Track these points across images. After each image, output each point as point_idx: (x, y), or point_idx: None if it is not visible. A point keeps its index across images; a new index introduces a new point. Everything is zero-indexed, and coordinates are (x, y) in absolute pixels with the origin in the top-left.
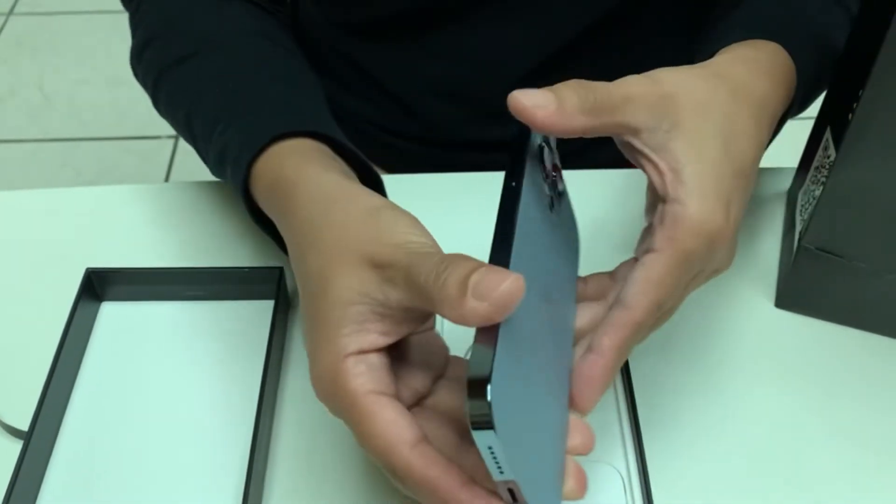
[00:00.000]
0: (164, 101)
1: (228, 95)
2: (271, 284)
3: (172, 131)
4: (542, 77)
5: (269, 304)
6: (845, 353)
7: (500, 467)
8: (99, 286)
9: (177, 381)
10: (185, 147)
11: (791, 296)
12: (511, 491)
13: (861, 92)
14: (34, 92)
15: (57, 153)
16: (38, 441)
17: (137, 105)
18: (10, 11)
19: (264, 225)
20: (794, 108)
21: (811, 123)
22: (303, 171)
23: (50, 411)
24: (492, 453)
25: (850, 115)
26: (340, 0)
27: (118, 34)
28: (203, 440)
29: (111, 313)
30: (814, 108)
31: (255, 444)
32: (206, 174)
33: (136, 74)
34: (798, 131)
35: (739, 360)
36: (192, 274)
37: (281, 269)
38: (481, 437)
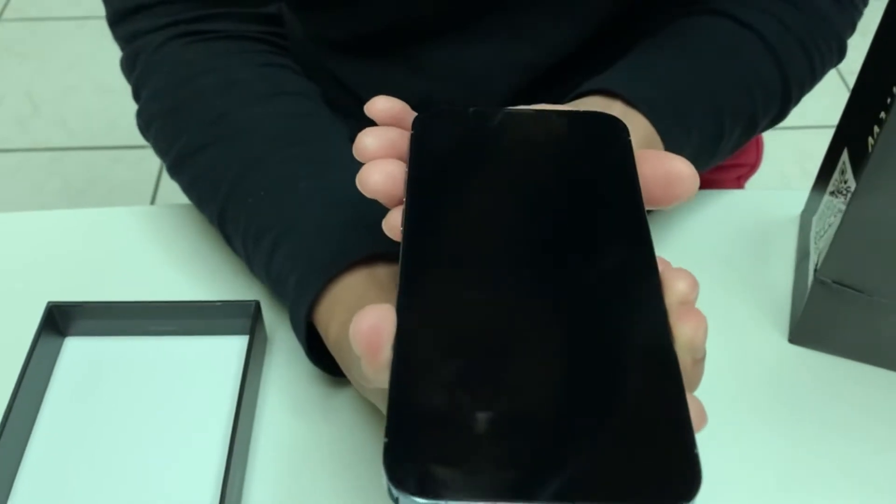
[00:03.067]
0: (187, 189)
1: (265, 205)
2: (246, 319)
3: None
4: (530, 95)
5: (243, 340)
6: (863, 392)
7: None
8: (61, 321)
9: (143, 423)
10: None
11: (806, 331)
12: None
13: (884, 115)
14: (22, 99)
15: (44, 162)
16: None
17: (127, 114)
18: None
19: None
20: None
21: (825, 135)
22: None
23: (6, 454)
24: None
25: (869, 140)
26: (324, 16)
27: (108, 41)
28: (170, 487)
29: (75, 349)
30: (831, 121)
31: (225, 489)
32: None
33: (147, 140)
34: (797, 147)
35: (751, 398)
36: (161, 308)
37: (257, 303)
38: None
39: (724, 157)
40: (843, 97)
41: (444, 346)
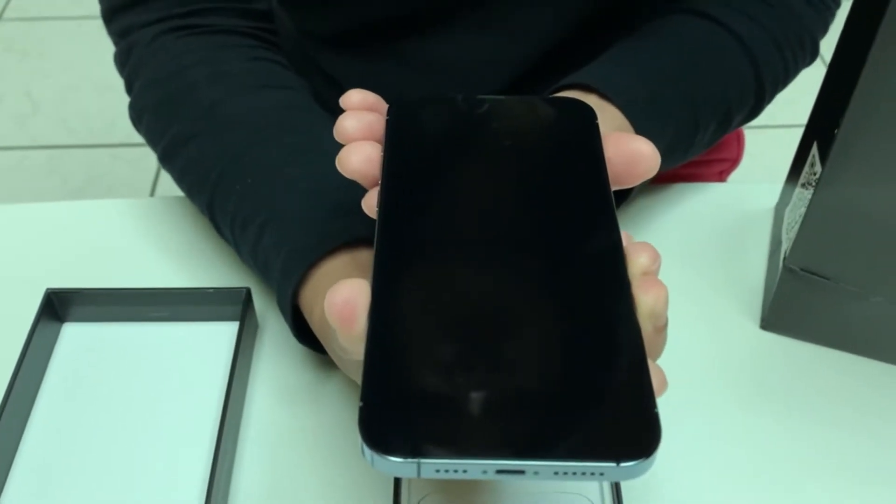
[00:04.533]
0: (178, 178)
1: (251, 192)
2: (237, 306)
3: None
4: (514, 89)
5: (234, 326)
6: (831, 376)
7: None
8: (59, 307)
9: (139, 406)
10: None
11: (777, 318)
12: None
13: (846, 108)
14: (22, 98)
15: (44, 160)
16: None
17: (126, 112)
18: None
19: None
20: None
21: (800, 134)
22: None
23: (5, 436)
24: None
25: (836, 132)
26: (312, 12)
27: (108, 40)
28: (164, 467)
29: (72, 334)
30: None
31: (215, 472)
32: None
33: (139, 132)
34: (787, 145)
35: (723, 383)
36: (155, 295)
37: (247, 290)
38: None
39: (700, 150)
40: None
41: (416, 317)
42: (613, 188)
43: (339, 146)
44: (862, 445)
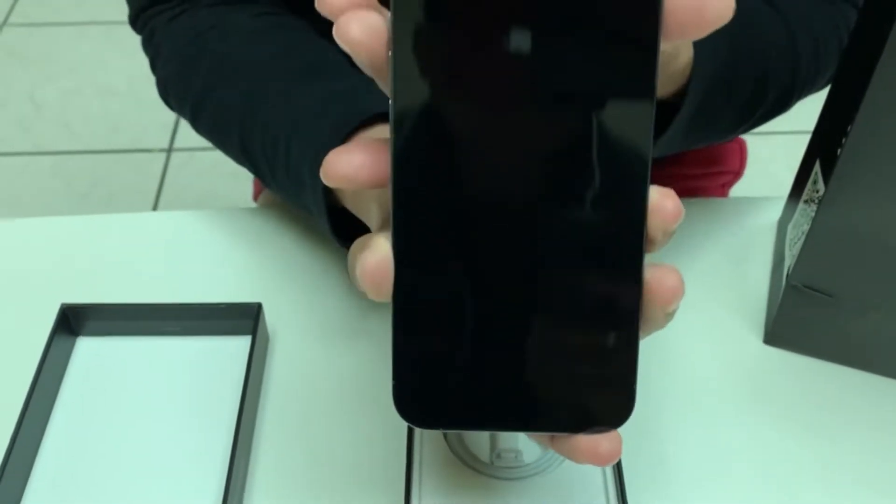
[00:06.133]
0: (209, 134)
1: (272, 120)
2: (249, 320)
3: (165, 144)
4: None
5: (246, 340)
6: (834, 390)
7: None
8: (74, 321)
9: (153, 418)
10: (177, 160)
11: (780, 333)
12: None
13: (849, 128)
14: (26, 103)
15: (47, 166)
16: (10, 480)
17: (129, 117)
18: (4, 22)
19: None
20: (684, 108)
21: (802, 141)
22: None
23: (22, 450)
24: None
25: (838, 151)
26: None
27: (111, 45)
28: (178, 479)
29: (87, 348)
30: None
31: (230, 484)
32: (196, 187)
33: (170, 106)
34: (790, 153)
35: (727, 397)
36: (168, 309)
37: (259, 305)
38: None
39: (726, 123)
40: None
41: (435, 296)
42: (675, 40)
43: (342, 63)
44: (864, 457)
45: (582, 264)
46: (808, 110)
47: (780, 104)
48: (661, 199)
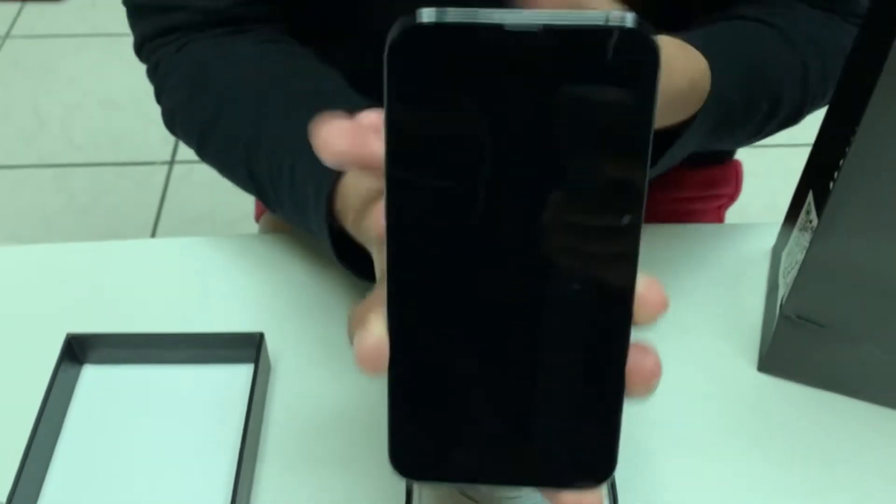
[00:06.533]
0: (215, 161)
1: (274, 147)
2: (251, 349)
3: (167, 156)
4: None
5: (249, 368)
6: (827, 418)
7: None
8: (79, 350)
9: (157, 446)
10: (179, 173)
11: (773, 361)
12: None
13: (841, 162)
14: (28, 115)
15: (50, 178)
16: None
17: (132, 130)
18: (7, 34)
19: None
20: (701, 118)
21: (797, 154)
22: None
23: (29, 479)
24: None
25: (830, 184)
26: (340, 44)
27: (113, 57)
28: None
29: (92, 377)
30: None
31: None
32: (198, 200)
33: (177, 135)
34: (787, 170)
35: (721, 424)
36: (172, 338)
37: (261, 335)
38: None
39: (744, 134)
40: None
41: (429, 368)
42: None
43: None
44: (858, 484)
45: (568, 343)
46: (804, 124)
47: (792, 118)
48: (646, 294)
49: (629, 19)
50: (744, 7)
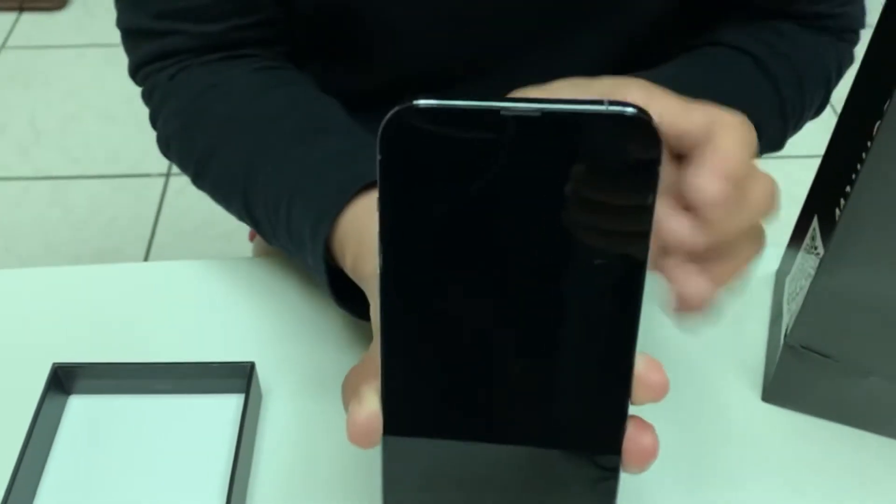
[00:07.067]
0: (212, 192)
1: (273, 181)
2: (242, 378)
3: (164, 169)
4: None
5: (239, 399)
6: (832, 448)
7: None
8: (66, 380)
9: (144, 477)
10: (176, 185)
11: (777, 391)
12: None
13: (848, 189)
14: (25, 128)
15: (46, 191)
16: None
17: (129, 143)
18: (3, 45)
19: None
20: None
21: (813, 165)
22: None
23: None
24: None
25: (836, 211)
26: (340, 67)
27: (110, 70)
28: None
29: (79, 407)
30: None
31: None
32: (194, 212)
33: (171, 161)
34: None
35: (725, 453)
36: (161, 368)
37: (252, 364)
38: None
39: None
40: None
41: (424, 432)
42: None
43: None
44: None
45: (565, 423)
46: (805, 134)
47: (770, 148)
48: (647, 375)
49: (629, 108)
50: (723, 31)
